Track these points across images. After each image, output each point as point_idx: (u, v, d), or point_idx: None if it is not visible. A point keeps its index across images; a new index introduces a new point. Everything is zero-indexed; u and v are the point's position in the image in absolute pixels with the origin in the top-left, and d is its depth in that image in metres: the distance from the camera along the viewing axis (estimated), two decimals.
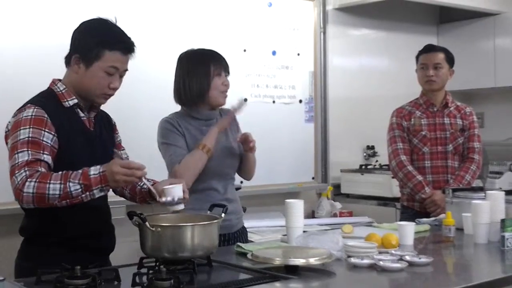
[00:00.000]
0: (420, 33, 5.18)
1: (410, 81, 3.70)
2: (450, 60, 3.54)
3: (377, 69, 5.07)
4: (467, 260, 2.47)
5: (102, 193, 2.02)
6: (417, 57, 3.58)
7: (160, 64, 3.62)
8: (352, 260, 2.14)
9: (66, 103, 2.18)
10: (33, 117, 2.08)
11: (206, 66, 2.64)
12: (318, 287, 1.97)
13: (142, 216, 1.98)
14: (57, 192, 1.97)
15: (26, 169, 2.00)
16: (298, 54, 4.45)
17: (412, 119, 3.52)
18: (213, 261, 2.10)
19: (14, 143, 2.05)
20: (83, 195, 1.99)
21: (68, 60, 2.21)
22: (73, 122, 2.18)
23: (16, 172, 2.00)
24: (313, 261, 2.01)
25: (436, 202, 3.35)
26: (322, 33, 4.61)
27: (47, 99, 2.17)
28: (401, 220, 3.24)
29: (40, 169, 2.02)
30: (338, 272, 2.06)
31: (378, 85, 5.00)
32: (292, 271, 1.99)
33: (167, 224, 2.04)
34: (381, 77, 5.04)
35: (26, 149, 2.03)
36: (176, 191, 2.13)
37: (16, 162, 2.02)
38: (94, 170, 1.99)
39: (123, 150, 2.43)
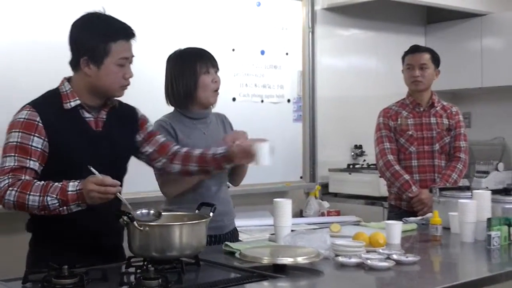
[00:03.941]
0: (408, 33, 5.21)
1: (398, 81, 3.72)
2: (435, 60, 3.56)
3: (365, 69, 5.09)
4: (453, 258, 2.49)
5: (80, 208, 2.04)
6: (403, 58, 3.60)
7: (149, 64, 3.60)
8: (340, 259, 2.14)
9: (68, 104, 2.16)
10: (24, 120, 2.09)
11: (192, 65, 2.61)
12: (306, 286, 1.98)
13: (130, 215, 1.98)
14: (36, 204, 2.01)
15: (9, 176, 2.04)
16: (287, 54, 4.46)
17: (399, 119, 3.54)
18: (201, 260, 2.11)
19: (5, 144, 2.10)
20: (61, 209, 2.02)
21: (74, 64, 2.18)
22: (74, 124, 2.16)
23: (0, 177, 2.05)
24: (301, 260, 2.02)
25: (423, 201, 3.37)
26: (310, 33, 4.62)
27: (48, 101, 2.17)
28: (388, 219, 3.25)
29: (23, 177, 2.05)
30: (326, 271, 2.06)
31: (366, 85, 5.02)
32: (280, 270, 2.00)
33: (155, 223, 2.04)
34: (369, 77, 5.06)
35: (13, 154, 2.07)
36: (265, 146, 2.24)
37: (2, 166, 2.07)
38: (72, 187, 2.01)
39: (158, 136, 2.40)
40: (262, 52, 4.31)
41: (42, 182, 2.04)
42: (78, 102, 2.17)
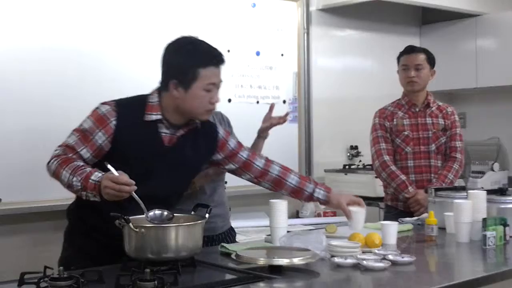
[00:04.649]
0: (403, 34, 5.21)
1: (393, 81, 3.73)
2: (431, 60, 3.56)
3: (361, 70, 5.10)
4: (449, 259, 2.49)
5: (96, 199, 2.08)
6: (398, 58, 3.60)
7: (143, 64, 3.61)
8: (336, 259, 2.15)
9: (149, 116, 2.23)
10: (101, 114, 2.22)
11: None
12: (302, 287, 1.97)
13: (125, 217, 1.98)
14: (65, 180, 2.12)
15: (61, 149, 2.21)
16: (282, 55, 4.46)
17: (395, 120, 3.54)
18: (197, 262, 2.11)
19: (79, 124, 2.25)
20: (82, 193, 2.09)
21: (164, 84, 2.24)
22: (147, 136, 2.22)
23: (57, 147, 2.23)
24: (297, 261, 2.02)
25: (420, 201, 3.37)
26: (305, 34, 4.63)
27: (132, 105, 2.26)
28: (385, 219, 3.26)
29: (69, 155, 2.18)
30: (321, 272, 2.07)
31: (361, 85, 5.02)
32: (276, 271, 2.00)
33: (150, 225, 2.04)
34: (364, 78, 5.07)
35: (76, 135, 2.22)
36: (362, 216, 2.54)
37: (65, 140, 2.24)
38: (95, 176, 2.07)
39: (241, 153, 2.46)
40: (258, 53, 4.31)
41: (80, 163, 2.14)
42: (160, 117, 2.24)
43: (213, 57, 2.25)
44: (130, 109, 2.24)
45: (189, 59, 2.20)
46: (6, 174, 3.25)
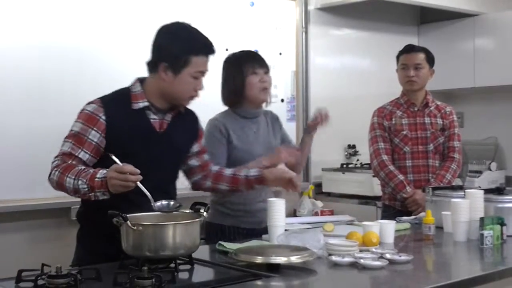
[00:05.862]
0: (401, 33, 5.21)
1: (391, 80, 3.73)
2: (430, 60, 3.56)
3: (359, 69, 5.10)
4: (446, 258, 2.50)
5: (105, 197, 2.09)
6: (398, 57, 3.60)
7: (141, 61, 3.60)
8: (333, 258, 2.15)
9: (136, 105, 2.25)
10: (89, 113, 2.22)
11: (239, 67, 2.82)
12: (299, 285, 1.98)
13: (123, 215, 1.98)
14: (71, 186, 2.12)
15: (59, 158, 2.21)
16: (280, 54, 4.46)
17: (393, 119, 3.54)
18: (195, 260, 2.11)
19: (69, 130, 2.25)
20: (90, 194, 2.09)
21: (152, 67, 2.27)
22: (139, 124, 2.25)
23: (54, 158, 2.22)
24: (294, 259, 2.02)
25: (417, 201, 3.37)
26: (304, 33, 4.63)
27: (117, 98, 2.27)
28: (382, 219, 3.26)
29: (69, 162, 2.17)
30: (319, 270, 2.07)
31: (359, 84, 5.03)
32: (273, 269, 2.00)
33: (148, 223, 2.04)
34: (363, 77, 5.07)
35: (70, 141, 2.22)
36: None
37: (60, 149, 2.24)
38: (100, 174, 2.08)
39: (206, 153, 2.51)
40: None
41: (82, 167, 2.15)
42: (147, 103, 2.26)
43: (206, 46, 2.28)
44: (115, 102, 2.26)
45: (183, 45, 2.24)
46: (3, 171, 3.25)
